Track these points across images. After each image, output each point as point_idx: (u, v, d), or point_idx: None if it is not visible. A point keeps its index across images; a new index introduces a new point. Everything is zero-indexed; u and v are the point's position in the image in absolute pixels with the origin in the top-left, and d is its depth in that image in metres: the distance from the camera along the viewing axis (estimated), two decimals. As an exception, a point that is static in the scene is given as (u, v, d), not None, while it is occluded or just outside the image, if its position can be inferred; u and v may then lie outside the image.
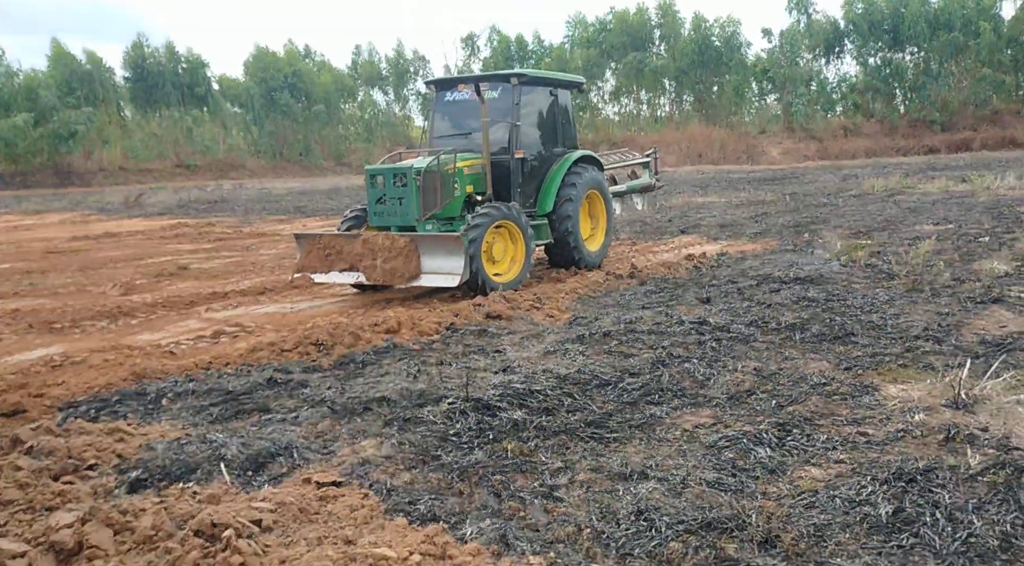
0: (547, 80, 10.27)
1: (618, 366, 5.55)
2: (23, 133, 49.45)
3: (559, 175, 9.99)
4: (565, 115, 10.44)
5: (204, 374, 5.84)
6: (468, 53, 63.91)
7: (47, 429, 4.52)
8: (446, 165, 9.07)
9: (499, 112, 9.54)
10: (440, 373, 5.56)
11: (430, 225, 9.04)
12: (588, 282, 9.26)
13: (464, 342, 6.57)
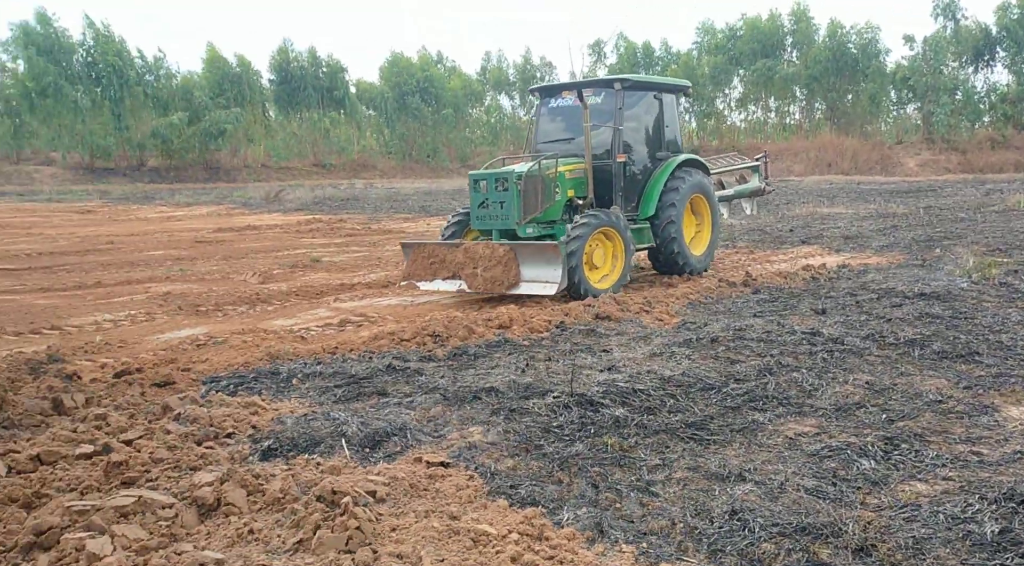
0: (652, 84, 10.28)
1: (724, 371, 5.57)
2: (178, 131, 53.58)
3: (662, 179, 9.98)
4: (670, 118, 10.43)
5: (330, 358, 6.28)
6: (594, 60, 64.00)
7: (192, 400, 5.03)
8: (547, 170, 9.22)
9: (602, 117, 9.66)
10: (547, 368, 5.75)
11: (531, 228, 9.22)
12: (700, 288, 9.22)
13: (572, 340, 6.75)
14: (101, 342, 7.28)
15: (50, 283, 11.03)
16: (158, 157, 55.29)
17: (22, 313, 8.84)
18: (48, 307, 9.22)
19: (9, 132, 53.42)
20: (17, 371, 5.13)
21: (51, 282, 11.13)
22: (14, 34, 50.54)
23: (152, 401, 4.89)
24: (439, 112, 64.85)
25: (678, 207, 9.92)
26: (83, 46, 52.69)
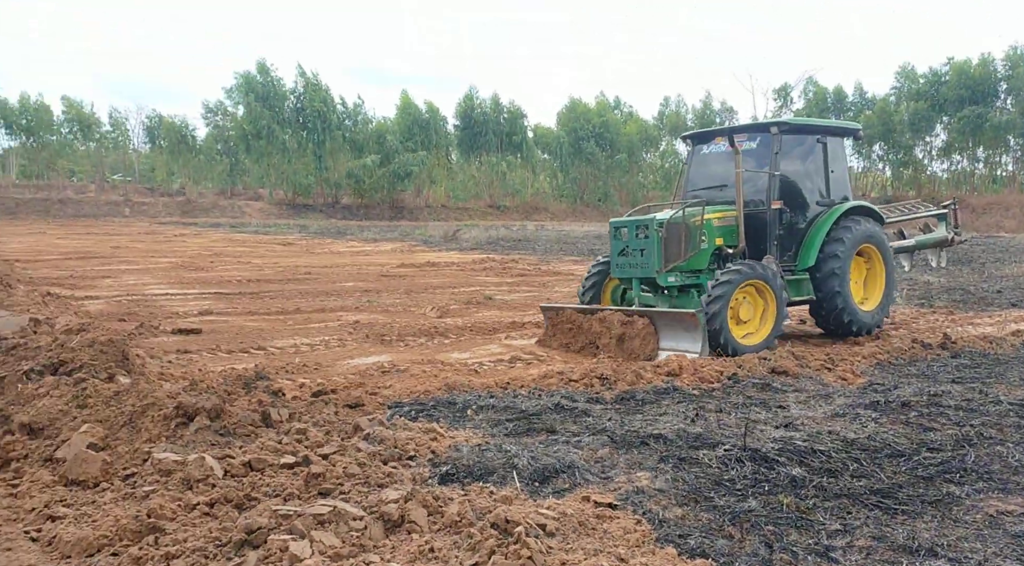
0: (813, 128, 9.81)
1: (915, 438, 5.22)
2: (370, 172, 57.61)
3: (824, 227, 9.35)
4: (836, 164, 9.79)
5: (502, 393, 6.52)
6: (780, 105, 62.14)
7: (379, 422, 5.40)
8: (692, 217, 8.94)
9: (757, 162, 9.27)
10: (718, 420, 5.65)
11: (673, 277, 8.94)
12: (890, 348, 8.66)
13: (745, 393, 6.57)
14: (299, 363, 7.97)
15: (256, 307, 12.20)
16: (351, 195, 59.64)
17: (234, 333, 9.85)
18: (255, 329, 10.21)
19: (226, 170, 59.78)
20: (232, 385, 5.75)
21: (257, 307, 12.30)
22: (237, 82, 56.76)
23: (344, 420, 5.29)
24: (613, 157, 65.39)
25: (843, 258, 9.26)
26: (294, 93, 58.18)
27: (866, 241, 9.62)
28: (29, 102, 54.16)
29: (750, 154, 9.34)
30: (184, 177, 60.55)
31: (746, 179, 9.14)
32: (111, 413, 4.76)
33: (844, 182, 9.92)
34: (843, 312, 9.35)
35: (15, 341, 5.41)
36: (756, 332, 8.64)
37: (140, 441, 4.59)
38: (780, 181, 9.16)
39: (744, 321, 8.59)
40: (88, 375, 5.02)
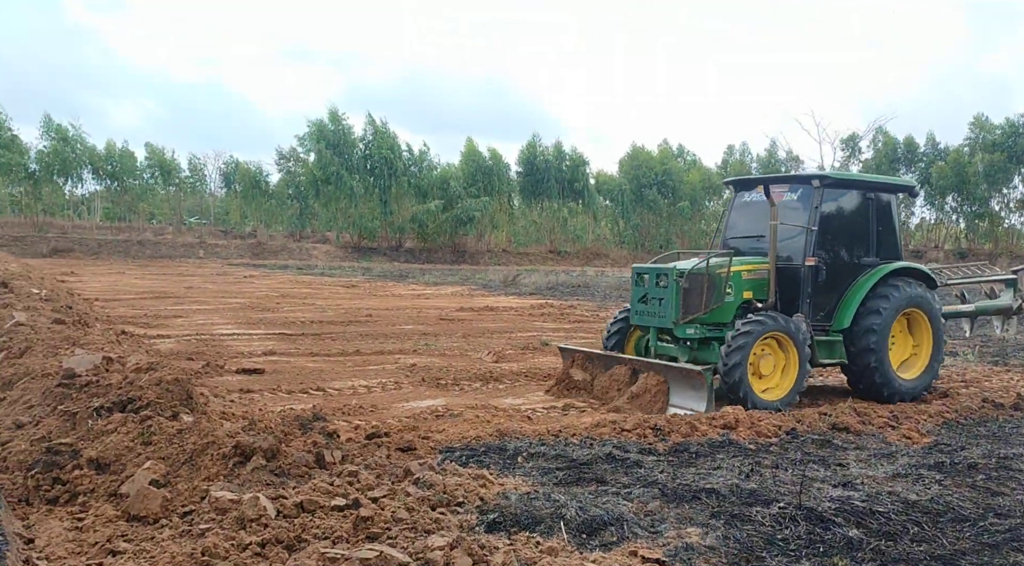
0: (859, 183, 9.47)
1: (982, 503, 5.00)
2: (433, 216, 58.67)
3: (864, 287, 8.96)
4: (884, 221, 9.37)
5: (554, 440, 6.51)
6: (847, 155, 61.17)
7: (430, 466, 5.45)
8: (718, 268, 8.72)
9: (796, 215, 8.99)
10: (774, 476, 5.52)
11: (692, 329, 8.69)
12: (958, 406, 8.34)
13: (804, 449, 6.41)
14: (356, 405, 8.12)
15: (318, 349, 12.49)
16: (414, 239, 60.77)
17: (295, 374, 10.11)
18: (315, 370, 10.45)
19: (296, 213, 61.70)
20: (289, 425, 5.90)
21: (319, 348, 12.59)
22: (310, 130, 58.87)
23: (396, 464, 5.37)
24: (675, 204, 65.14)
25: (883, 318, 8.83)
26: (363, 140, 59.99)
27: (911, 305, 9.16)
28: (115, 149, 57.17)
29: (790, 206, 9.09)
30: (256, 220, 62.71)
31: (784, 232, 8.93)
32: (173, 450, 4.94)
33: (894, 242, 9.53)
34: (877, 373, 8.90)
35: (88, 378, 5.68)
36: (777, 387, 8.38)
37: (199, 479, 4.74)
38: (818, 237, 8.85)
39: (764, 375, 8.35)
40: (154, 413, 5.23)
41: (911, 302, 9.15)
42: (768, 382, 8.40)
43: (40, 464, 4.83)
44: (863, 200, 9.27)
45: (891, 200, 9.57)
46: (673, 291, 8.62)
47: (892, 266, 9.21)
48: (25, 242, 45.52)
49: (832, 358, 9.01)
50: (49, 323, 9.20)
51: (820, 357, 8.85)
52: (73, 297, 17.09)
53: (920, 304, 9.24)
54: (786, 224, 8.94)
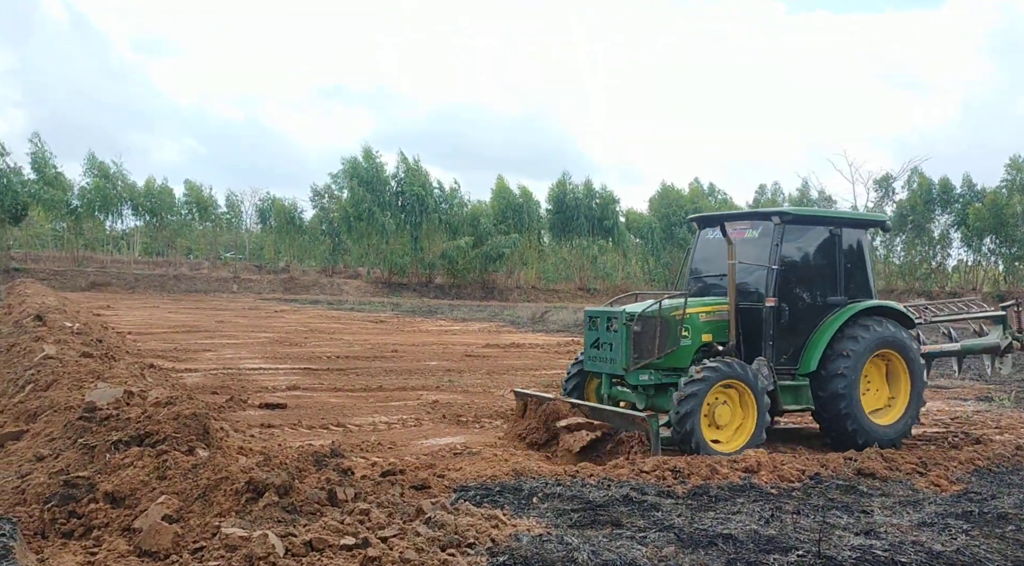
0: (823, 219, 9.12)
1: (1012, 556, 4.83)
2: (463, 253, 59.04)
3: (831, 328, 8.53)
4: (853, 258, 8.97)
5: (570, 481, 6.42)
6: (880, 196, 60.47)
7: (443, 506, 5.41)
8: (673, 310, 8.36)
9: (758, 253, 8.63)
10: (794, 522, 5.39)
11: (645, 375, 8.30)
12: (991, 454, 8.07)
13: (827, 495, 6.25)
14: (375, 441, 8.12)
15: (342, 384, 12.55)
16: (444, 275, 61.11)
17: (316, 409, 10.15)
18: (337, 405, 10.48)
19: (329, 249, 62.48)
20: (304, 462, 5.90)
21: (343, 383, 12.65)
22: (344, 167, 59.85)
23: (409, 502, 5.33)
24: (707, 242, 64.82)
25: (853, 361, 8.41)
26: (395, 178, 60.79)
27: (884, 346, 8.72)
28: (155, 186, 58.59)
29: (752, 244, 8.76)
30: (289, 256, 63.59)
31: (746, 272, 8.62)
32: (187, 485, 4.96)
33: (865, 279, 9.08)
34: (847, 419, 8.45)
35: (108, 412, 5.76)
36: (734, 438, 7.99)
37: (211, 515, 4.75)
38: (780, 276, 8.48)
39: (721, 425, 7.94)
40: (170, 447, 5.27)
41: (884, 343, 8.72)
42: (725, 432, 8.00)
43: (57, 497, 4.88)
44: (829, 237, 8.90)
45: (861, 236, 9.16)
46: (623, 336, 8.21)
47: (862, 305, 8.79)
48: (65, 276, 46.61)
49: (798, 404, 8.56)
50: (77, 357, 9.38)
51: (784, 403, 8.41)
52: (106, 331, 17.41)
53: (894, 345, 8.81)
54: (745, 263, 8.60)
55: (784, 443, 8.75)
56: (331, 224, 61.74)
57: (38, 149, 51.77)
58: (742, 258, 8.56)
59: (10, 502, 5.08)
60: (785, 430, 9.99)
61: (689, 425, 7.62)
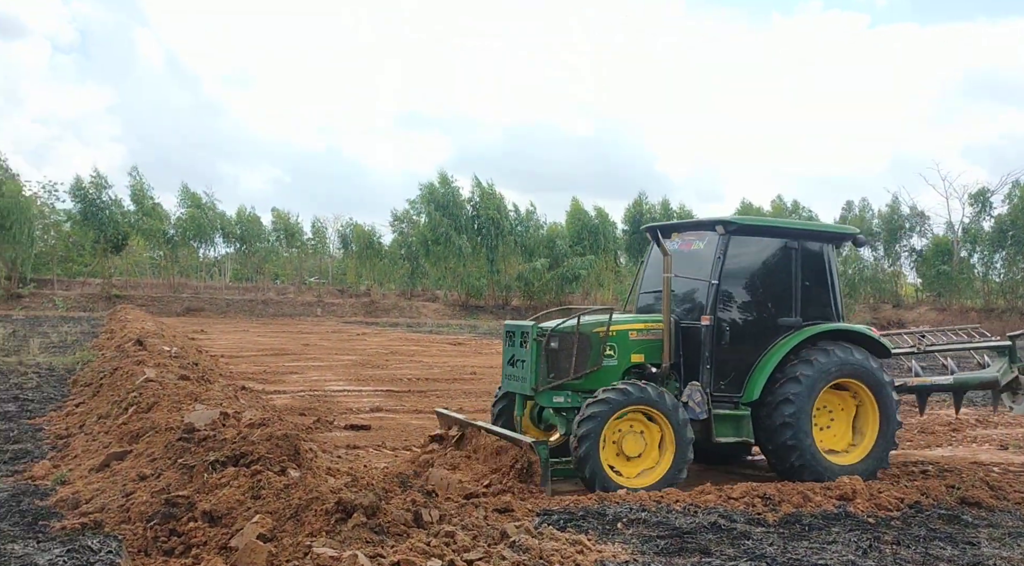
0: (777, 230, 8.22)
1: None
2: (539, 275, 59.23)
3: (780, 352, 7.66)
4: (813, 275, 8.03)
5: (655, 506, 6.32)
6: (977, 211, 57.60)
7: (527, 529, 5.39)
8: (595, 327, 7.65)
9: (704, 267, 7.84)
10: (894, 554, 5.15)
11: (560, 396, 7.55)
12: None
13: (929, 526, 5.96)
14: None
15: (422, 406, 12.71)
16: (520, 297, 61.37)
17: (399, 430, 10.31)
18: (419, 427, 10.61)
19: (407, 272, 63.64)
20: (390, 483, 6.00)
21: (423, 405, 12.81)
22: (421, 193, 61.06)
23: (492, 525, 5.34)
24: (790, 261, 63.18)
25: (803, 387, 7.49)
26: (470, 202, 61.61)
27: (845, 375, 7.74)
28: (245, 214, 61.03)
29: (697, 256, 8.01)
30: (370, 279, 65.05)
31: (689, 287, 7.95)
32: (280, 505, 5.11)
33: (828, 299, 8.11)
34: (792, 453, 7.50)
35: (206, 433, 6.00)
36: (651, 470, 7.20)
37: (303, 534, 4.87)
38: (721, 292, 7.71)
39: (631, 457, 7.20)
40: (264, 467, 5.45)
41: (846, 372, 7.73)
42: (641, 464, 7.24)
43: (159, 516, 5.10)
44: (784, 250, 8.00)
45: (824, 251, 8.20)
46: (533, 353, 7.51)
47: (820, 328, 7.86)
48: (162, 302, 48.87)
49: (737, 436, 7.66)
50: (175, 379, 9.81)
51: (719, 435, 7.55)
52: (200, 354, 18.15)
53: (859, 374, 7.79)
54: (681, 277, 7.94)
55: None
56: (410, 248, 62.92)
57: (136, 181, 54.68)
58: (687, 271, 7.93)
59: (116, 519, 5.33)
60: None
61: (584, 451, 6.90)
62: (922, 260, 58.22)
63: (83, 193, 50.82)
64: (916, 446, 10.53)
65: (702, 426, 7.51)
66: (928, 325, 45.90)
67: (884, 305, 59.08)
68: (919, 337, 9.50)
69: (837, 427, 8.05)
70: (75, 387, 12.28)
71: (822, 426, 7.95)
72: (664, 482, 7.07)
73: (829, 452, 7.80)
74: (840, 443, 8.00)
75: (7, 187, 46.06)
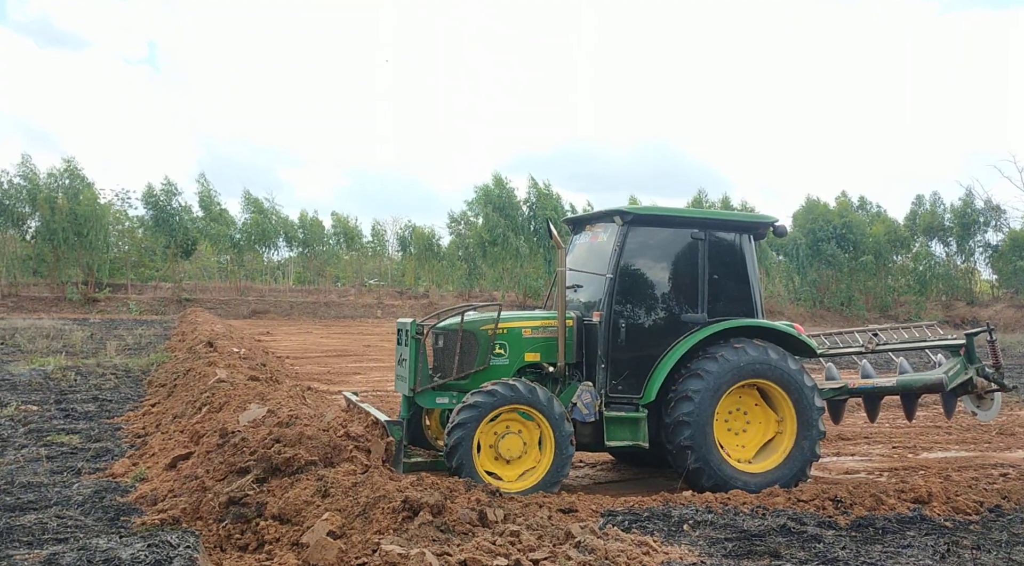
0: (683, 220, 7.65)
1: None
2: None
3: (681, 349, 7.21)
4: (725, 269, 7.54)
5: (722, 508, 6.23)
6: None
7: (591, 530, 5.37)
8: (482, 324, 7.28)
9: (605, 260, 7.42)
10: (974, 559, 4.97)
11: (444, 397, 7.18)
12: None
13: (1011, 530, 5.73)
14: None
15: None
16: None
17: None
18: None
19: (465, 274, 64.13)
20: (456, 482, 6.07)
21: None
22: (477, 195, 61.45)
23: (557, 526, 5.34)
24: (857, 259, 61.38)
25: (705, 384, 7.04)
26: (527, 203, 61.74)
27: (757, 375, 7.21)
28: (307, 218, 62.40)
29: (600, 249, 7.62)
30: (428, 281, 65.77)
31: (591, 282, 7.56)
32: (348, 503, 5.21)
33: (742, 295, 7.59)
34: (689, 455, 7.01)
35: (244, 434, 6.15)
36: (531, 471, 6.87)
37: (371, 531, 4.96)
38: (618, 287, 7.30)
39: (509, 460, 6.86)
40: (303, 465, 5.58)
41: (757, 371, 7.20)
42: (520, 466, 6.90)
43: (230, 515, 5.26)
44: (689, 241, 7.52)
45: (738, 242, 7.68)
46: (412, 352, 7.16)
47: (726, 324, 7.37)
48: (229, 305, 50.30)
49: (632, 439, 7.17)
50: (245, 380, 10.08)
51: (610, 438, 7.12)
52: (267, 355, 18.62)
53: (771, 375, 7.23)
54: (576, 270, 7.60)
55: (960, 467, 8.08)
56: (467, 250, 63.39)
57: (204, 188, 56.43)
58: (593, 265, 7.56)
59: (191, 516, 5.50)
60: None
61: (457, 460, 6.60)
62: (998, 255, 55.99)
63: (155, 200, 52.65)
64: (995, 448, 10.14)
65: (594, 430, 7.16)
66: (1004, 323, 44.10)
67: (957, 302, 57.06)
68: (871, 335, 8.90)
69: (753, 432, 7.54)
70: (151, 387, 12.74)
71: (736, 430, 7.51)
72: (546, 483, 6.77)
73: (738, 458, 7.36)
74: (753, 450, 7.50)
75: (84, 195, 48.02)
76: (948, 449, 10.05)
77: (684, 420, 7.05)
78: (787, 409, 7.38)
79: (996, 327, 8.79)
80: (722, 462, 7.13)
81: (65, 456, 7.85)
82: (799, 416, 7.34)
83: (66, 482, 6.77)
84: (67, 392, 12.30)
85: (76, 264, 48.11)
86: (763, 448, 7.52)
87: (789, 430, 7.39)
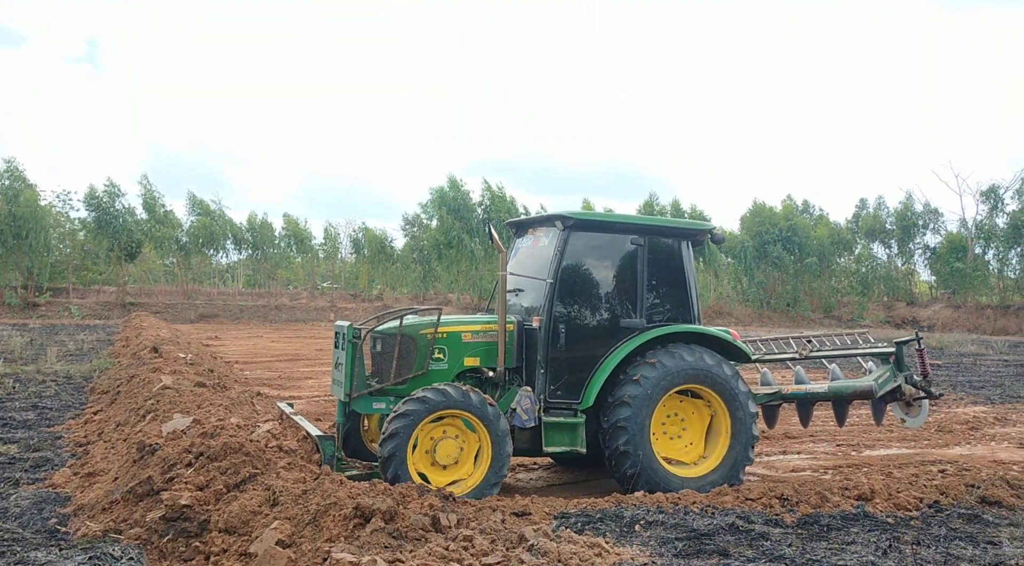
0: (623, 226, 7.64)
1: None
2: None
3: (619, 355, 7.28)
4: (663, 274, 7.63)
5: (673, 508, 6.31)
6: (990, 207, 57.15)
7: (544, 533, 5.39)
8: (421, 328, 7.24)
9: (546, 265, 7.46)
10: (915, 554, 5.13)
11: (380, 403, 7.11)
12: None
13: (949, 525, 5.92)
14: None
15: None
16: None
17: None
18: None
19: (420, 276, 63.83)
20: (407, 487, 6.02)
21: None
22: (432, 197, 61.24)
23: (510, 529, 5.35)
24: (802, 260, 62.86)
25: (642, 390, 7.09)
26: (481, 205, 61.74)
27: (693, 381, 7.31)
28: (256, 220, 61.36)
29: (541, 253, 7.64)
30: (383, 284, 65.27)
31: (531, 287, 7.59)
32: (298, 511, 5.14)
33: (680, 300, 7.70)
34: (626, 460, 7.10)
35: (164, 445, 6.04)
36: (468, 477, 6.83)
37: (322, 540, 4.90)
38: (558, 291, 7.32)
39: (446, 465, 6.80)
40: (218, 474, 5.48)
41: (693, 376, 7.29)
42: (457, 472, 6.86)
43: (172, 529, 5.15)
44: (630, 248, 7.58)
45: (676, 247, 7.75)
46: (348, 356, 7.06)
47: (663, 330, 7.44)
48: (176, 309, 49.17)
49: (569, 445, 7.18)
50: (192, 386, 9.87)
51: (548, 443, 7.11)
52: (216, 360, 18.25)
53: (708, 380, 7.33)
54: (517, 275, 7.67)
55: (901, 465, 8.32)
56: (422, 252, 63.11)
57: (147, 190, 55.07)
58: (534, 269, 7.59)
59: (134, 527, 5.36)
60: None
61: (392, 472, 6.51)
62: (936, 257, 57.88)
63: (97, 202, 51.19)
64: (934, 445, 10.47)
65: (532, 434, 7.19)
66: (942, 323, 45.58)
67: (898, 303, 58.76)
68: (805, 342, 9.09)
69: (689, 437, 7.65)
70: (93, 395, 12.39)
71: (672, 435, 7.60)
72: (483, 488, 6.71)
73: (674, 463, 7.44)
74: (689, 454, 7.61)
75: (24, 196, 46.48)
76: (890, 447, 10.36)
77: (621, 425, 7.10)
78: (722, 414, 7.47)
79: (931, 328, 9.08)
80: (658, 467, 7.18)
81: (2, 466, 7.58)
82: (733, 421, 7.45)
83: (3, 493, 6.55)
84: (4, 400, 11.88)
85: (15, 267, 46.53)
86: (699, 456, 7.63)
87: (723, 435, 7.49)
